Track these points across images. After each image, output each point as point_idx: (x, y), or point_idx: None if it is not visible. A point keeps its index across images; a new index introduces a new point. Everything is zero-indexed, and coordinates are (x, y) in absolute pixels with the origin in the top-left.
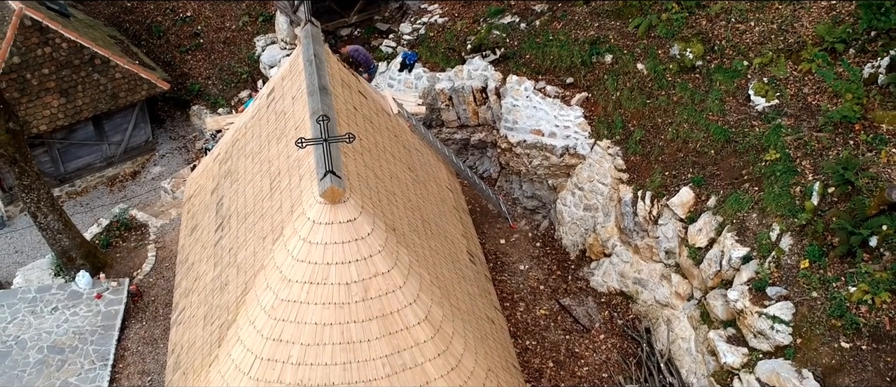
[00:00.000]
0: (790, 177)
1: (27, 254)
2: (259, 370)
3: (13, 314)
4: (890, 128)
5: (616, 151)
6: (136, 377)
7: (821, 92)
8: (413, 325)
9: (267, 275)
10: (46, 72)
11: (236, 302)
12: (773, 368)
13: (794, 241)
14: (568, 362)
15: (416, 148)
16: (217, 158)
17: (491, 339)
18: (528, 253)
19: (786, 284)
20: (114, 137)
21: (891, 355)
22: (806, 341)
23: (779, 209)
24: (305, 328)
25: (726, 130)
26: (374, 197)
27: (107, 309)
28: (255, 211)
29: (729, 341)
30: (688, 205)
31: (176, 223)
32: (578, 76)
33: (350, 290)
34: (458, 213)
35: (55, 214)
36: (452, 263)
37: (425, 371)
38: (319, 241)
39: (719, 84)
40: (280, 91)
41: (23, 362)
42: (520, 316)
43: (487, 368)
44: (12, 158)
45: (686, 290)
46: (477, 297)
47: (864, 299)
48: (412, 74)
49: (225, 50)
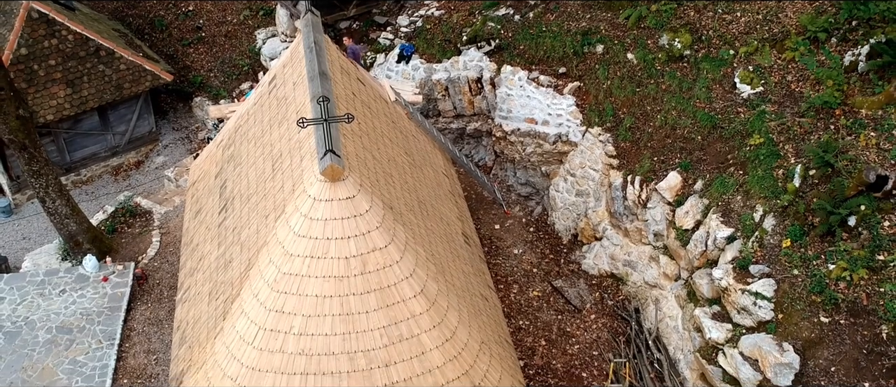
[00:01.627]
0: (773, 160)
1: (34, 240)
2: (262, 341)
3: (22, 296)
4: (869, 113)
5: (607, 138)
6: (142, 356)
7: (803, 79)
8: (409, 298)
9: (270, 250)
10: (53, 63)
11: (240, 277)
12: (756, 342)
13: (776, 221)
14: (559, 341)
15: (412, 134)
16: (220, 145)
17: (484, 315)
18: (522, 238)
19: (768, 262)
20: (118, 127)
21: (867, 328)
22: (787, 316)
23: (762, 191)
24: (306, 300)
25: (713, 117)
26: (372, 177)
27: (113, 291)
28: (257, 192)
29: (714, 318)
30: (675, 189)
31: (179, 210)
32: (571, 66)
33: (349, 264)
34: (453, 197)
35: (63, 200)
36: (447, 243)
37: (421, 342)
38: (320, 217)
39: (706, 72)
40: (281, 78)
41: (32, 341)
42: (513, 297)
43: (481, 341)
44: (22, 144)
45: (673, 271)
46: (471, 275)
47: (843, 276)
48: (409, 66)
49: (226, 43)
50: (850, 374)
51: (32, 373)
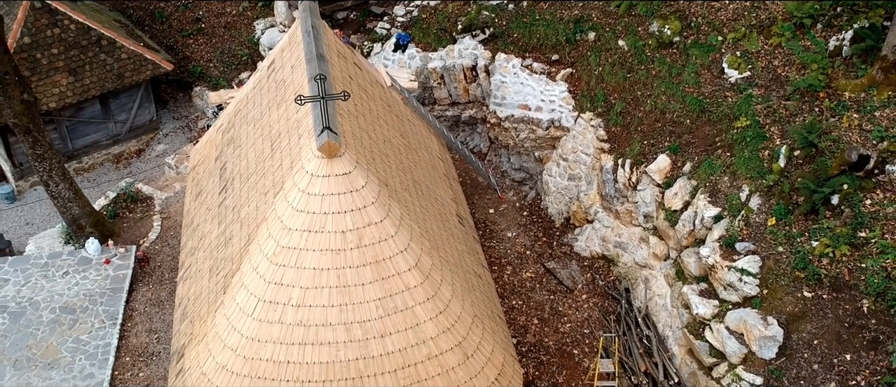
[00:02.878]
0: (759, 142)
1: (37, 226)
2: (262, 312)
3: (26, 278)
4: (852, 95)
5: (598, 123)
6: (144, 335)
7: (789, 64)
8: (404, 271)
9: (269, 225)
10: (55, 52)
11: (240, 253)
12: (741, 316)
13: (762, 200)
14: (552, 320)
15: (408, 119)
16: (220, 129)
17: (477, 291)
18: (516, 221)
19: (754, 240)
20: (120, 115)
21: (849, 302)
22: (771, 291)
23: (748, 172)
24: (304, 273)
25: (701, 101)
26: (368, 155)
27: (115, 273)
28: (257, 171)
29: (701, 295)
30: (664, 171)
31: (180, 196)
32: (563, 53)
33: (345, 237)
34: (448, 180)
35: (66, 183)
36: (442, 222)
37: (415, 314)
38: (317, 192)
39: (695, 58)
40: (280, 62)
41: (36, 321)
42: (507, 279)
43: (473, 315)
44: (26, 127)
45: (663, 250)
46: (465, 254)
47: (826, 253)
48: (406, 55)
49: (225, 34)
50: (832, 346)
51: (37, 351)
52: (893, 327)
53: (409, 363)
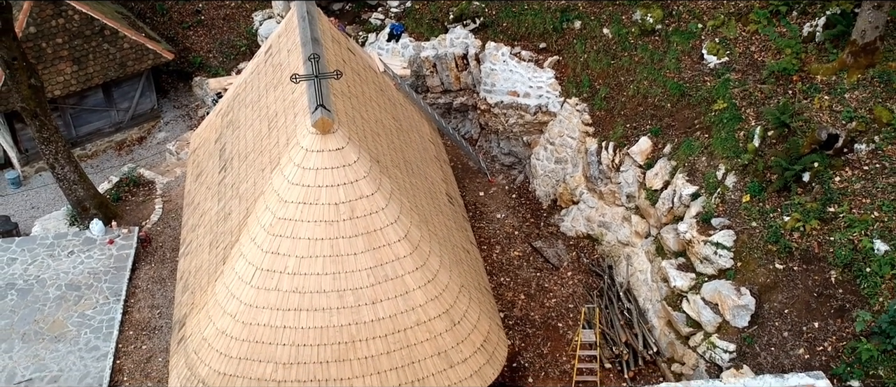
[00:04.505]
0: (735, 123)
1: (42, 209)
2: (259, 279)
3: (33, 257)
4: (823, 78)
5: (583, 108)
6: (147, 310)
7: (765, 49)
8: (394, 242)
9: (266, 198)
10: (60, 41)
11: (239, 225)
12: (716, 287)
13: (737, 178)
14: (538, 295)
15: (400, 103)
16: (220, 113)
17: (465, 265)
18: (505, 204)
19: (729, 216)
20: (122, 103)
21: (818, 274)
22: (745, 263)
23: (725, 152)
24: (299, 243)
25: (681, 86)
26: (360, 133)
27: (119, 253)
28: (255, 149)
29: (679, 268)
30: (646, 153)
31: (180, 181)
32: (550, 41)
33: (338, 209)
34: (438, 162)
35: (71, 166)
36: (431, 200)
37: (405, 282)
38: (311, 166)
39: (676, 45)
40: (277, 47)
41: (43, 297)
42: (496, 257)
43: (461, 285)
44: (33, 111)
45: (644, 229)
46: (454, 230)
47: (797, 227)
48: (399, 44)
49: (225, 25)
50: (801, 315)
51: (44, 325)
52: (859, 295)
53: (398, 329)
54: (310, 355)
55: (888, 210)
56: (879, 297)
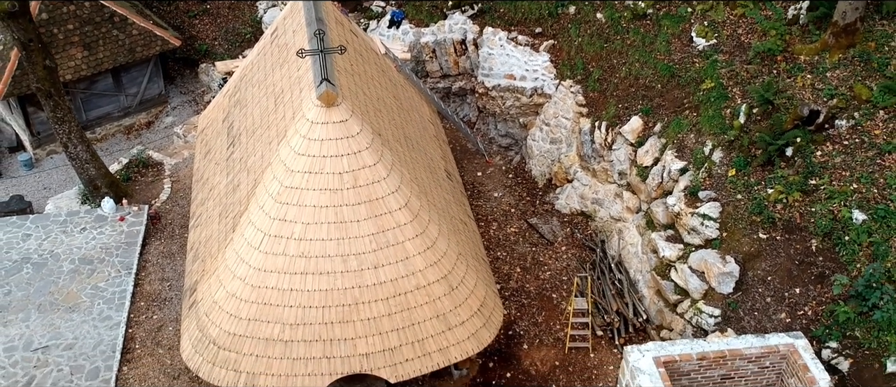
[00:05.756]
0: (722, 102)
1: (54, 190)
2: (267, 245)
3: (47, 234)
4: (806, 58)
5: (577, 90)
6: (157, 283)
7: (752, 32)
8: (395, 210)
9: (273, 168)
10: (71, 27)
11: (247, 195)
12: (703, 256)
13: (723, 154)
14: (533, 268)
15: (401, 85)
16: (227, 94)
17: (462, 235)
18: (502, 183)
19: (715, 189)
20: (130, 89)
21: (800, 243)
22: (730, 234)
23: (712, 129)
24: (305, 210)
25: (671, 67)
26: (363, 108)
27: (129, 229)
28: (262, 125)
29: (667, 240)
30: (637, 131)
31: (188, 162)
32: (546, 26)
33: (342, 178)
34: (437, 141)
35: (84, 145)
36: (431, 175)
37: (405, 249)
38: (316, 137)
39: (667, 28)
40: (282, 28)
41: (57, 270)
42: (493, 233)
43: (458, 253)
44: (48, 92)
45: (635, 204)
46: (452, 203)
47: (780, 199)
48: (400, 30)
49: (230, 14)
50: (783, 281)
51: (59, 296)
52: (838, 262)
53: (399, 292)
54: (315, 316)
55: (866, 182)
56: (857, 263)
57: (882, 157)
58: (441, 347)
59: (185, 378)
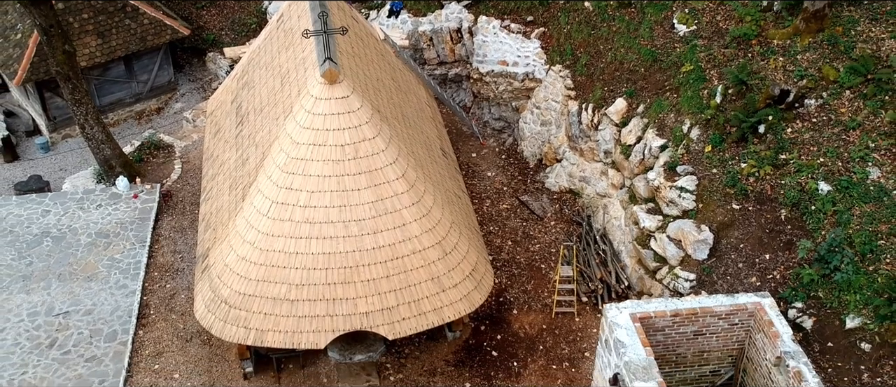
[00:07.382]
0: (700, 83)
1: (70, 171)
2: (275, 212)
3: (65, 210)
4: (779, 42)
5: (566, 74)
6: (170, 255)
7: (730, 18)
8: (393, 180)
9: (280, 141)
10: (86, 16)
11: (256, 167)
12: (680, 226)
13: (700, 131)
14: (523, 242)
15: (399, 69)
16: (235, 78)
17: (456, 207)
18: (495, 163)
19: (692, 164)
20: (141, 76)
21: (770, 213)
22: (705, 205)
23: (690, 108)
24: (310, 179)
25: (654, 52)
26: (363, 86)
27: (143, 206)
28: (269, 103)
29: (648, 212)
30: (621, 112)
31: (198, 144)
32: (537, 14)
33: (344, 150)
34: (434, 122)
35: (99, 127)
36: (427, 151)
37: (402, 216)
38: (320, 112)
39: (650, 16)
40: (288, 14)
41: (75, 243)
42: (486, 210)
43: (452, 221)
44: (67, 75)
45: (619, 180)
46: (446, 178)
47: (752, 172)
48: (399, 20)
49: (236, 4)
50: (754, 248)
51: (78, 267)
52: (805, 230)
53: (397, 256)
54: (319, 278)
55: (832, 156)
56: (822, 230)
57: (847, 133)
58: (435, 307)
59: (197, 340)
